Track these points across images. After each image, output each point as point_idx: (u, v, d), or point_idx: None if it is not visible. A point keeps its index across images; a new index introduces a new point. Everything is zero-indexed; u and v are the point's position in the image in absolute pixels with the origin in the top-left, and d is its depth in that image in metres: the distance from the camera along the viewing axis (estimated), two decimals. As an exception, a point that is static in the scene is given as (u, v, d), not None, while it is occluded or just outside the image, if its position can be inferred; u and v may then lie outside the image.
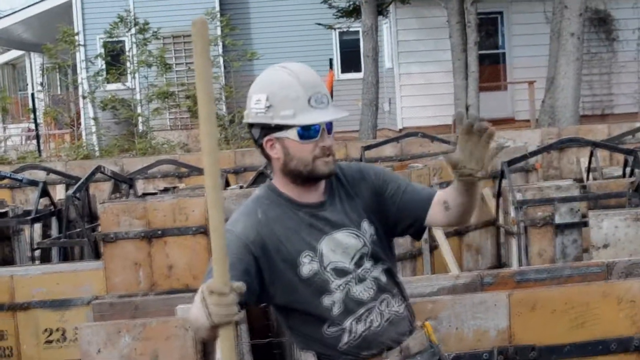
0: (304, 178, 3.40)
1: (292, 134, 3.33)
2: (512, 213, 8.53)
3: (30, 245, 9.30)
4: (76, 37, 24.03)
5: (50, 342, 7.43)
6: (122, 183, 10.91)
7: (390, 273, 3.49)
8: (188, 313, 3.05)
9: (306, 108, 3.32)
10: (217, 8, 26.05)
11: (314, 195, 3.44)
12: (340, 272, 3.37)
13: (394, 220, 3.52)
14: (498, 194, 9.16)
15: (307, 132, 3.33)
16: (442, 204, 3.45)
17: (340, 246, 3.38)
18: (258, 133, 3.40)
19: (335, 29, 26.25)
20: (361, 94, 21.21)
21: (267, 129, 3.36)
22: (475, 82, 19.69)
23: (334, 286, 3.35)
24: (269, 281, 3.34)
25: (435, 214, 3.47)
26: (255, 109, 3.37)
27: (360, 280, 3.39)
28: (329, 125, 3.38)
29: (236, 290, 2.81)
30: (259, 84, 3.40)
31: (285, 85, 3.33)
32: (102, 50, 24.17)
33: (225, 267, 2.75)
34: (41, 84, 28.32)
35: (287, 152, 3.36)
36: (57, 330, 7.41)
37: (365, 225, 3.46)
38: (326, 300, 3.35)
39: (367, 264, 3.42)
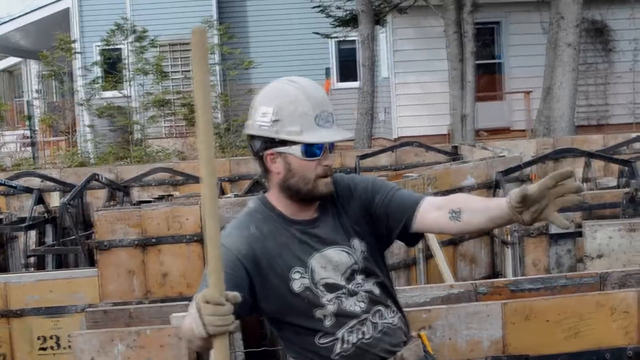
0: (302, 196, 3.39)
1: (296, 150, 3.32)
2: (507, 223, 8.52)
3: (24, 252, 9.29)
4: (73, 45, 24.07)
5: (44, 349, 7.41)
6: (117, 191, 10.92)
7: (383, 285, 3.49)
8: (181, 323, 3.02)
9: (313, 126, 3.31)
10: (215, 16, 26.09)
11: (307, 213, 3.44)
12: (331, 287, 3.37)
13: (387, 227, 3.50)
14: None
15: (311, 150, 3.32)
16: (446, 211, 3.34)
17: (331, 263, 3.38)
18: (259, 145, 3.38)
19: (332, 38, 26.26)
20: (357, 103, 21.21)
21: (270, 142, 3.35)
22: (471, 92, 19.70)
23: (325, 300, 3.36)
24: (261, 295, 3.34)
25: (435, 219, 3.38)
26: (260, 121, 3.34)
27: (352, 294, 3.40)
28: (331, 145, 3.38)
29: (232, 300, 2.80)
30: (266, 96, 3.37)
31: (293, 100, 3.31)
32: (99, 58, 24.20)
33: (221, 277, 2.74)
34: (37, 91, 28.33)
35: (289, 168, 3.35)
36: (51, 337, 7.39)
37: (356, 242, 3.46)
38: (318, 313, 3.35)
39: (359, 279, 3.42)
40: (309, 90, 3.35)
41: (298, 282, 3.34)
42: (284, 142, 3.32)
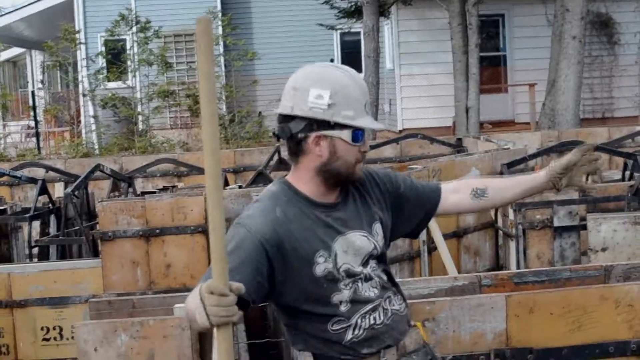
0: (341, 179, 3.42)
1: (346, 135, 3.35)
2: (511, 215, 8.53)
3: (28, 242, 9.31)
4: (77, 35, 24.06)
5: (48, 340, 7.42)
6: (121, 181, 10.92)
7: (389, 273, 3.53)
8: (186, 304, 3.01)
9: (363, 112, 3.37)
10: (219, 7, 26.06)
11: (332, 196, 3.45)
12: (350, 273, 3.38)
13: (407, 217, 3.66)
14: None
15: (357, 136, 3.36)
16: (467, 192, 3.74)
17: (353, 247, 3.39)
18: (302, 126, 3.35)
19: (336, 30, 26.24)
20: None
21: (318, 125, 3.34)
22: (476, 84, 19.67)
23: (343, 285, 3.36)
24: (281, 280, 3.32)
25: (457, 202, 3.76)
26: (314, 103, 3.32)
27: (367, 279, 3.41)
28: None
29: (235, 292, 2.78)
30: (318, 79, 3.37)
31: (346, 85, 3.35)
32: (103, 49, 24.20)
33: (226, 268, 2.73)
34: (42, 82, 28.33)
35: (334, 152, 3.35)
36: (54, 328, 7.40)
37: (377, 227, 3.49)
38: (335, 299, 3.35)
39: (372, 264, 3.44)
40: (357, 78, 3.43)
41: (322, 265, 3.33)
42: (333, 126, 3.34)
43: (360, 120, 3.35)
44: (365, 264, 3.42)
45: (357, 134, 3.36)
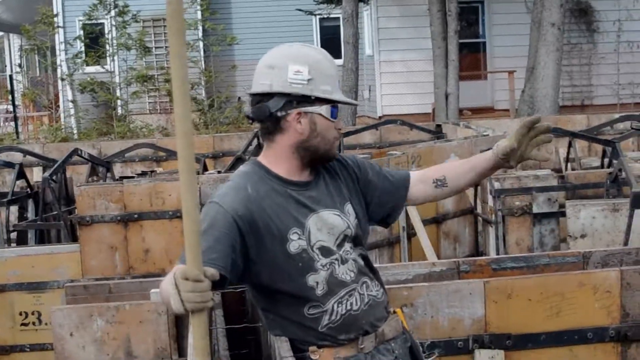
0: (318, 156, 3.43)
1: (325, 110, 3.38)
2: (490, 202, 8.54)
3: (6, 227, 9.25)
4: (55, 19, 23.94)
5: (26, 325, 7.39)
6: (100, 166, 10.87)
7: (366, 258, 3.51)
8: (160, 289, 2.99)
9: (337, 88, 3.42)
10: (198, -8, 25.96)
11: (303, 175, 3.44)
12: (326, 252, 3.36)
13: (377, 204, 3.62)
14: (476, 183, 9.17)
15: (335, 111, 3.40)
16: (429, 182, 3.72)
17: (326, 225, 3.38)
18: (281, 104, 3.35)
19: (315, 15, 26.19)
20: (341, 80, 21.17)
21: (298, 101, 3.35)
22: (455, 70, 19.67)
23: (319, 265, 3.34)
24: (255, 258, 3.30)
25: (422, 192, 3.74)
26: (294, 79, 3.33)
27: (343, 261, 3.39)
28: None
29: (210, 278, 2.76)
30: (293, 56, 3.39)
31: (320, 61, 3.39)
32: (81, 33, 24.06)
33: (199, 253, 2.70)
34: (19, 66, 28.14)
35: (315, 129, 3.37)
36: (33, 313, 7.37)
37: (349, 208, 3.49)
38: (311, 280, 3.33)
39: (347, 246, 3.42)
40: (327, 55, 3.46)
41: (296, 243, 3.32)
42: (312, 102, 3.35)
43: (337, 95, 3.40)
44: (339, 245, 3.40)
45: (334, 109, 3.40)
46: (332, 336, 3.36)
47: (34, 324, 7.38)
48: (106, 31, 23.83)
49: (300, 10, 24.94)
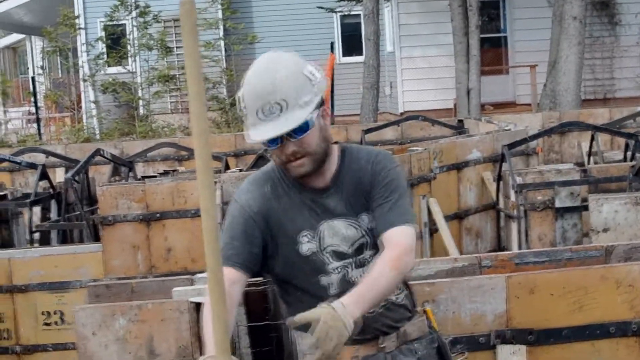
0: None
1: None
2: (512, 197, 8.51)
3: (29, 228, 9.28)
4: (77, 21, 24.00)
5: (49, 324, 7.42)
6: (122, 166, 10.90)
7: None
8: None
9: (255, 120, 3.20)
10: (218, -9, 25.98)
11: (320, 180, 3.38)
12: (339, 255, 3.35)
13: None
14: (498, 178, 9.14)
15: (265, 142, 3.23)
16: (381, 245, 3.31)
17: (339, 234, 3.35)
18: None
19: (336, 12, 26.17)
20: (362, 77, 21.15)
21: None
22: (476, 65, 19.63)
23: (331, 268, 3.34)
24: (270, 253, 3.35)
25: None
26: (238, 107, 3.28)
27: (359, 265, 3.37)
28: (297, 131, 3.21)
29: None
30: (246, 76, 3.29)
31: (247, 89, 3.23)
32: (103, 34, 24.12)
33: (218, 250, 2.72)
34: (42, 67, 28.28)
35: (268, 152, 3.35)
36: (55, 313, 7.40)
37: (364, 216, 3.38)
38: (323, 280, 3.34)
39: (367, 253, 3.38)
40: (254, 79, 3.22)
41: (306, 245, 3.33)
42: None
43: (251, 131, 3.22)
44: (357, 251, 3.36)
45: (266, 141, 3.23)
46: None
47: (56, 323, 7.41)
48: (127, 32, 23.91)
49: (321, 7, 24.93)
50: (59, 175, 12.56)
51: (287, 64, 3.20)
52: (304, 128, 3.20)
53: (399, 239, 3.26)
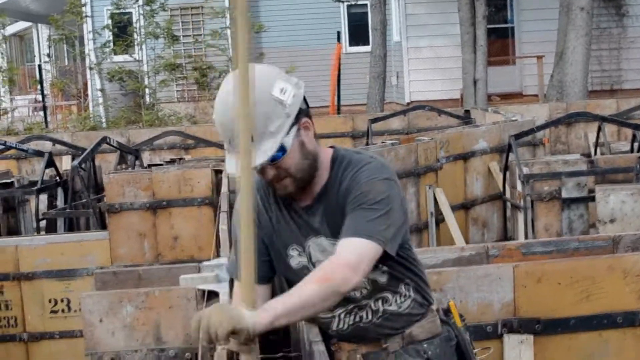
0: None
1: None
2: (519, 187, 8.50)
3: (35, 215, 9.30)
4: (83, 9, 23.98)
5: (56, 312, 7.43)
6: (128, 154, 10.90)
7: (391, 274, 3.31)
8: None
9: (228, 148, 3.10)
10: (225, -20, 25.96)
11: (307, 197, 3.28)
12: None
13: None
14: (505, 168, 9.13)
15: None
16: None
17: (327, 251, 3.24)
18: None
19: (343, 2, 26.12)
20: (369, 67, 21.13)
21: None
22: (483, 56, 19.59)
23: None
24: (270, 256, 3.38)
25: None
26: None
27: None
28: (276, 156, 3.10)
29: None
30: None
31: (215, 118, 3.16)
32: (109, 22, 24.10)
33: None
34: (48, 55, 28.25)
35: None
36: (62, 300, 7.42)
37: None
38: None
39: None
40: (220, 107, 3.11)
41: (296, 259, 3.31)
42: None
43: (226, 159, 3.12)
44: None
45: None
46: (347, 339, 3.37)
47: (63, 311, 7.43)
48: (134, 20, 23.88)
49: (328, -3, 24.89)
50: (65, 163, 12.58)
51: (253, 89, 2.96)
52: (278, 154, 3.10)
53: (344, 253, 3.07)
